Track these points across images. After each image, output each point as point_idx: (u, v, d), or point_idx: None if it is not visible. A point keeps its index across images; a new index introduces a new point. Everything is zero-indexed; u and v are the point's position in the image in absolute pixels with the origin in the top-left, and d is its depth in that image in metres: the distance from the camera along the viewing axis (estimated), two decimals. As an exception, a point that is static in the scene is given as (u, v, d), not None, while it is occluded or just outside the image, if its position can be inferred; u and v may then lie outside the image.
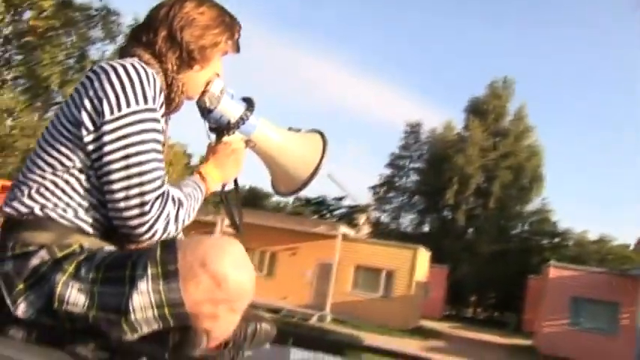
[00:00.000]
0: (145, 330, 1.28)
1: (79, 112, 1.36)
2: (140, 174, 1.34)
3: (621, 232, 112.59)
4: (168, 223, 1.38)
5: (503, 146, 46.01)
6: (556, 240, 47.61)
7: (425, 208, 49.35)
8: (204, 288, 1.25)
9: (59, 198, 1.36)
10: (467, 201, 44.93)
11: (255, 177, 54.67)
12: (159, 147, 1.41)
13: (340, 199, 55.38)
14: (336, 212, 57.10)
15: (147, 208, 1.34)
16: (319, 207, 58.31)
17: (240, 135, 1.73)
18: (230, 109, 1.70)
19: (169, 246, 1.28)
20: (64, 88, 9.53)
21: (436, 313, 36.97)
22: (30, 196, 1.36)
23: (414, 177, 51.17)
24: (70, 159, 1.36)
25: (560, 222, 48.29)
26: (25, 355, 1.26)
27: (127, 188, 1.34)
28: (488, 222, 44.43)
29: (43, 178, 1.36)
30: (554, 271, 26.97)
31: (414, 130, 51.23)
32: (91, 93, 1.37)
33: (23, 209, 1.36)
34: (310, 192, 66.66)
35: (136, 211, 1.33)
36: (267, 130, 1.77)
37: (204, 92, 1.66)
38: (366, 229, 36.35)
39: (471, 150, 44.77)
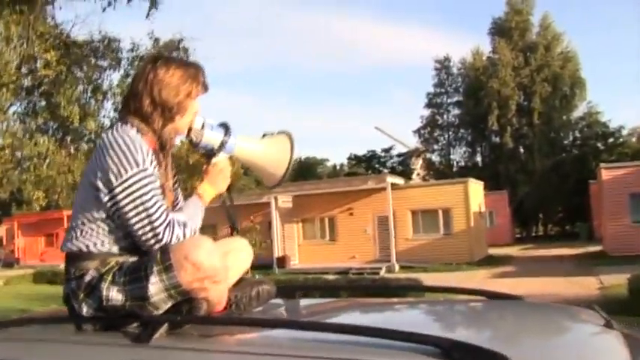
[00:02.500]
0: (165, 307, 1.88)
1: (95, 180, 1.93)
2: (148, 216, 1.90)
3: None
4: (178, 241, 1.94)
5: (535, 60, 45.21)
6: (610, 140, 46.70)
7: (472, 139, 49.28)
8: (190, 272, 1.81)
9: (97, 237, 1.96)
10: (511, 122, 44.41)
11: (305, 148, 55.35)
12: (157, 192, 1.95)
13: (389, 149, 55.80)
14: (389, 163, 57.54)
15: (160, 237, 1.91)
16: (371, 162, 58.83)
17: (225, 154, 2.22)
18: (212, 138, 2.17)
19: (164, 250, 1.87)
20: (84, 122, 10.51)
21: (506, 239, 36.99)
22: (78, 239, 1.97)
23: (454, 111, 51.11)
24: (98, 212, 1.95)
25: (611, 121, 47.19)
26: (94, 339, 1.87)
27: (142, 227, 1.91)
28: (537, 138, 43.95)
29: (84, 225, 1.97)
30: (606, 172, 26.53)
31: (444, 65, 50.92)
32: (100, 166, 1.93)
33: (76, 248, 1.98)
34: (359, 149, 67.02)
35: (152, 241, 1.92)
36: (244, 144, 2.24)
37: (189, 130, 2.15)
38: (421, 173, 36.41)
39: (504, 71, 44.22)
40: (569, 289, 14.71)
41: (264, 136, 2.37)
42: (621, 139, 46.70)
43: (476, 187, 30.09)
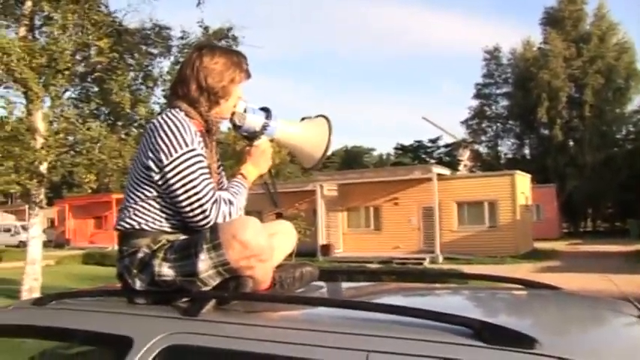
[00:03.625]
0: (213, 283, 1.99)
1: (147, 160, 2.06)
2: (196, 193, 2.01)
3: None
4: (225, 218, 2.05)
5: (588, 51, 44.10)
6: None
7: (521, 131, 48.38)
8: (238, 250, 1.92)
9: (149, 215, 2.09)
10: (561, 115, 43.49)
11: (352, 137, 55.49)
12: (205, 171, 2.06)
13: (436, 140, 55.47)
14: (437, 153, 57.19)
15: (207, 213, 2.02)
16: (418, 152, 58.58)
17: (266, 137, 2.33)
18: (254, 121, 2.30)
19: (214, 229, 1.98)
20: (135, 108, 10.78)
21: (553, 233, 36.53)
22: (131, 217, 2.09)
23: (503, 102, 50.18)
24: (149, 191, 2.08)
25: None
26: (146, 311, 1.99)
27: (190, 204, 2.02)
28: (588, 131, 42.92)
29: (136, 203, 2.10)
30: None
31: (494, 56, 50.06)
32: (151, 146, 2.05)
33: (129, 225, 2.10)
34: (406, 139, 66.72)
35: (200, 217, 2.03)
36: (284, 127, 2.35)
37: (233, 114, 2.28)
38: (468, 164, 36.23)
39: (555, 62, 43.24)
40: (613, 287, 14.50)
41: (302, 119, 2.47)
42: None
43: (523, 180, 29.87)
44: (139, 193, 2.10)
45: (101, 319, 2.03)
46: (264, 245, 1.98)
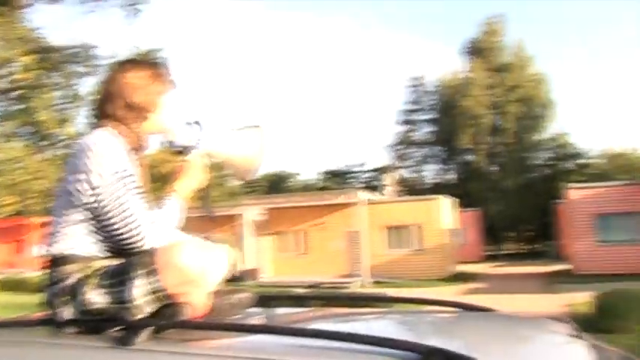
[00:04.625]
0: (148, 310, 1.88)
1: (76, 182, 1.95)
2: (130, 215, 1.92)
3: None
4: (156, 239, 1.95)
5: (508, 80, 45.84)
6: (580, 161, 47.53)
7: (445, 156, 49.62)
8: (174, 275, 1.83)
9: (79, 240, 1.97)
10: (483, 141, 44.87)
11: (278, 161, 55.55)
12: (138, 191, 1.97)
13: (362, 165, 56.15)
14: (362, 178, 57.78)
15: (142, 235, 1.93)
16: (343, 177, 59.05)
17: (198, 151, 2.23)
18: (185, 135, 2.20)
19: (149, 253, 1.88)
20: (61, 127, 10.45)
21: (476, 256, 37.30)
22: (60, 242, 1.97)
23: (427, 128, 51.31)
24: (79, 214, 1.97)
25: (580, 143, 48.44)
26: (77, 342, 1.85)
27: (124, 227, 1.93)
28: (509, 157, 44.47)
29: (65, 227, 1.97)
30: (574, 192, 27.00)
31: (418, 82, 51.47)
32: (80, 168, 1.95)
33: (58, 251, 1.97)
34: (332, 163, 67.20)
35: (134, 240, 1.93)
36: (217, 140, 2.27)
37: (163, 129, 2.21)
38: (393, 189, 36.75)
39: (478, 90, 44.75)
40: (536, 306, 14.96)
41: (234, 130, 2.39)
42: (590, 161, 47.66)
43: (447, 204, 30.47)
44: (68, 217, 1.99)
45: (29, 352, 1.88)
46: (202, 270, 1.90)
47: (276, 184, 61.06)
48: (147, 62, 2.31)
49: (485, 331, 2.19)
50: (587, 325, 9.80)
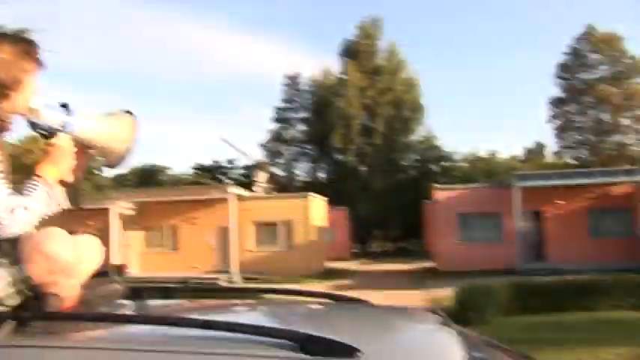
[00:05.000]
0: (12, 302, 1.73)
1: None
2: None
3: (509, 145, 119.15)
4: (24, 227, 1.79)
5: (381, 83, 47.17)
6: (445, 163, 49.58)
7: (316, 155, 50.34)
8: (42, 264, 1.69)
9: None
10: (354, 141, 45.85)
11: (148, 155, 54.33)
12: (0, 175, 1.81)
13: (233, 161, 56.02)
14: (234, 174, 57.55)
15: (4, 222, 1.75)
16: (215, 172, 58.63)
17: (66, 134, 2.05)
18: (51, 117, 2.02)
19: (13, 240, 1.74)
20: None
21: (344, 254, 37.83)
22: None
23: (300, 127, 51.98)
24: None
25: (447, 146, 50.37)
26: None
27: None
28: (378, 158, 45.68)
29: None
30: (440, 193, 28.56)
31: (293, 81, 51.99)
32: None
33: None
34: (204, 159, 66.57)
35: None
36: (85, 123, 2.10)
37: (28, 110, 1.98)
38: (264, 186, 36.92)
39: (351, 91, 45.71)
40: (403, 301, 15.66)
41: (104, 115, 2.24)
42: (454, 164, 50.00)
43: (318, 203, 31.08)
44: None
45: None
46: (71, 259, 1.77)
47: (146, 179, 59.65)
48: (14, 37, 2.05)
49: (360, 320, 2.24)
50: (449, 317, 10.54)
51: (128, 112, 2.24)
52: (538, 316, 12.71)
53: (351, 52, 48.82)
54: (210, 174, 58.07)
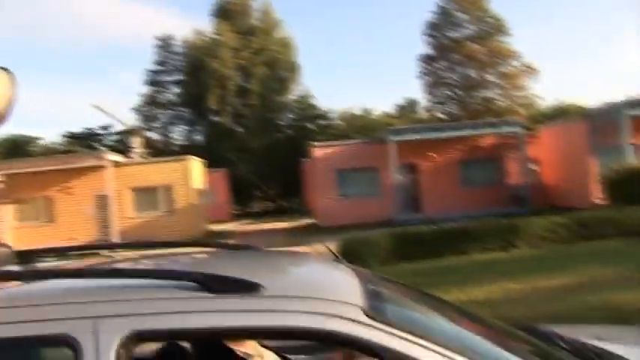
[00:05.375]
0: None
1: None
2: None
3: (383, 102, 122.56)
4: None
5: (255, 43, 47.25)
6: (322, 122, 50.48)
7: (193, 118, 49.90)
8: None
9: None
10: (230, 103, 45.83)
11: (16, 125, 52.06)
12: None
13: (107, 127, 54.72)
14: (109, 141, 56.19)
15: None
16: (89, 140, 57.06)
17: None
18: None
19: None
20: None
21: (224, 216, 38.18)
22: None
23: (175, 90, 51.25)
24: None
25: (323, 105, 51.46)
26: None
27: None
28: (255, 118, 45.90)
29: None
30: (318, 150, 29.23)
31: (166, 43, 51.08)
32: None
33: None
34: (76, 127, 64.38)
35: None
36: None
37: None
38: (140, 151, 36.46)
39: (225, 52, 45.53)
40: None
41: None
42: (330, 122, 50.97)
43: (196, 165, 31.19)
44: None
45: None
46: None
47: (14, 150, 57.15)
48: None
49: (258, 262, 2.35)
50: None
51: (3, 68, 2.18)
52: (417, 263, 13.44)
53: (224, 13, 48.40)
54: (84, 142, 56.41)
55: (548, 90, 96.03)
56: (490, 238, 14.80)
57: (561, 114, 42.11)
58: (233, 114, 46.32)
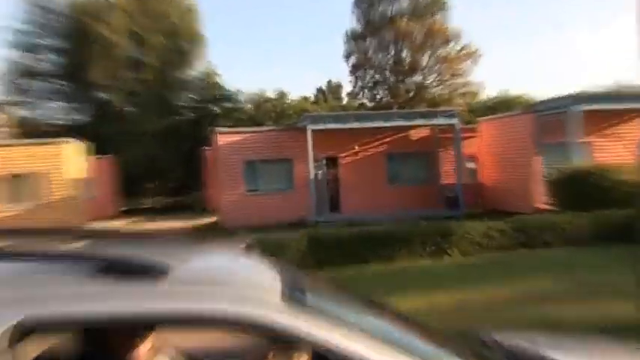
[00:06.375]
0: None
1: None
2: None
3: (305, 85, 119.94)
4: None
5: (153, 7, 42.94)
6: (228, 104, 47.53)
7: (73, 93, 44.29)
8: None
9: None
10: (120, 77, 41.48)
11: None
12: None
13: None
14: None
15: None
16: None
17: None
18: None
19: None
20: None
21: (109, 211, 35.67)
22: None
23: (52, 58, 44.88)
24: None
25: (230, 85, 48.62)
26: None
27: None
28: (150, 96, 41.98)
29: None
30: (222, 137, 27.38)
31: (42, 1, 45.06)
32: None
33: None
34: None
35: None
36: None
37: None
38: (5, 130, 33.21)
39: (116, 16, 40.86)
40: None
41: None
42: (238, 105, 48.23)
43: (74, 150, 29.11)
44: None
45: None
46: None
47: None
48: None
49: (165, 249, 2.46)
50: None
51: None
52: (337, 271, 13.42)
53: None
54: None
55: (493, 79, 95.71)
56: (419, 243, 14.86)
57: (506, 106, 41.30)
58: (123, 91, 42.02)
